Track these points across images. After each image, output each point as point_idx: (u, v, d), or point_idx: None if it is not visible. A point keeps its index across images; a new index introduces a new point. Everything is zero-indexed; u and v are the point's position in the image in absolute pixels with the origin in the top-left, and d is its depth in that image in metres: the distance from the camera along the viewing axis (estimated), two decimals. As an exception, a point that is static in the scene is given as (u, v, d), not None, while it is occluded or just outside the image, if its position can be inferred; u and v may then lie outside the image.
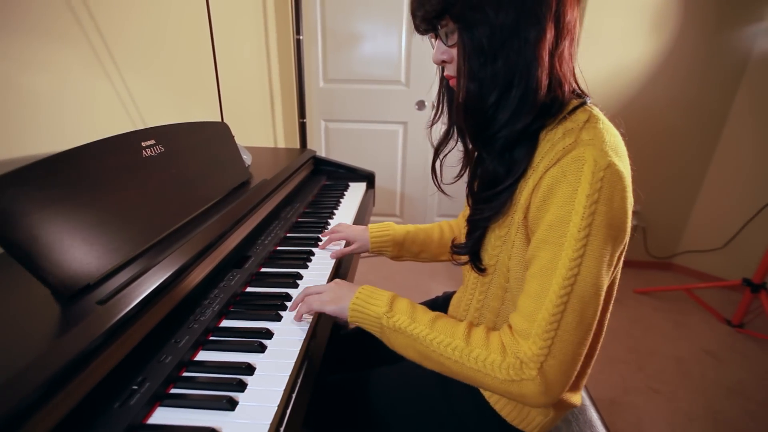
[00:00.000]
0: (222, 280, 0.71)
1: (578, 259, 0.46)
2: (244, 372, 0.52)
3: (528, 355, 0.48)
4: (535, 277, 0.49)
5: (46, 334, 0.45)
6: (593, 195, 0.45)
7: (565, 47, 0.51)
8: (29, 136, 0.76)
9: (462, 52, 0.50)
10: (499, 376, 0.49)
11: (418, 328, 0.55)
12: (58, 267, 0.49)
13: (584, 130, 0.49)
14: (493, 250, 0.59)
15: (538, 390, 0.48)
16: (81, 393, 0.42)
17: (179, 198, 0.73)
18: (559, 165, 0.48)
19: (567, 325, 0.47)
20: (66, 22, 0.82)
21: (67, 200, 0.53)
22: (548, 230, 0.48)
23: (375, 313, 0.57)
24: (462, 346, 0.52)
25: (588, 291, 0.47)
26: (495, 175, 0.55)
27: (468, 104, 0.52)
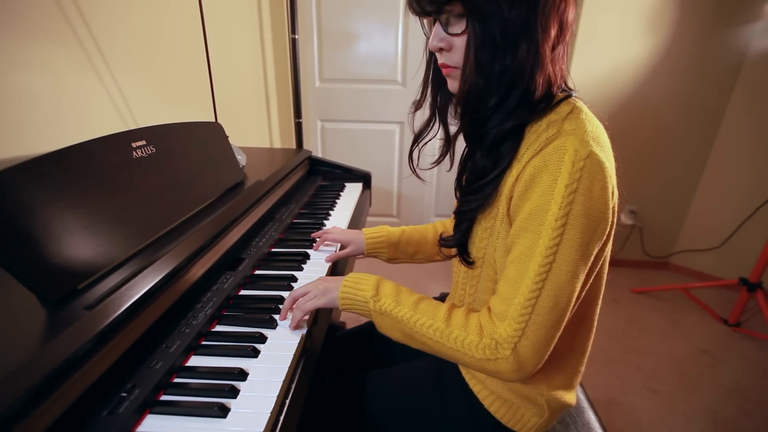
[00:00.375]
0: (215, 283, 0.69)
1: (554, 247, 0.47)
2: (236, 378, 0.51)
3: (503, 336, 0.51)
4: (513, 262, 0.51)
5: (31, 340, 0.43)
6: (572, 185, 0.46)
7: (561, 49, 0.51)
8: (23, 137, 0.74)
9: (472, 42, 0.49)
10: (476, 355, 0.52)
11: (402, 311, 0.57)
12: (43, 271, 0.47)
13: (567, 120, 0.50)
14: (481, 242, 0.60)
15: (511, 368, 0.51)
16: (68, 401, 0.41)
17: (171, 199, 0.72)
18: (540, 155, 0.49)
19: (541, 309, 0.49)
20: (59, 24, 0.81)
21: (53, 202, 0.51)
22: (527, 218, 0.49)
23: (363, 297, 0.59)
24: (443, 327, 0.55)
25: (562, 278, 0.48)
26: (483, 168, 0.56)
27: (470, 99, 0.52)
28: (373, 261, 0.90)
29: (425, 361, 0.77)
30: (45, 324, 0.45)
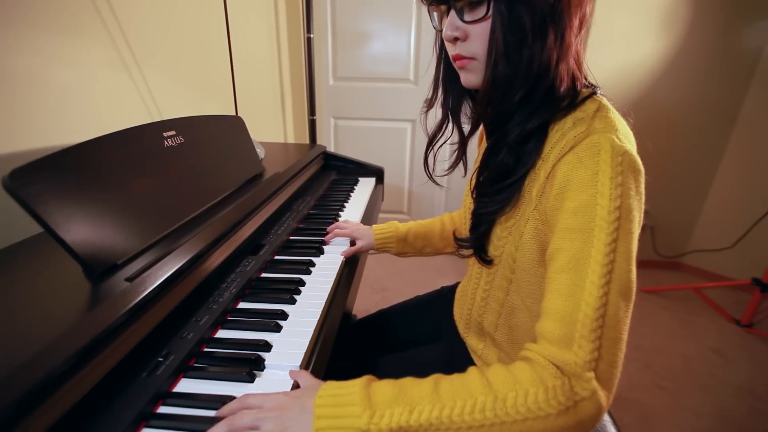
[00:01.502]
0: (238, 266, 0.74)
1: (612, 243, 0.42)
2: (261, 349, 0.55)
3: (580, 365, 0.40)
4: (563, 271, 0.44)
5: (79, 307, 0.48)
6: (616, 177, 0.43)
7: (581, 40, 0.50)
8: (61, 127, 0.80)
9: (498, 26, 0.46)
10: (552, 410, 0.40)
11: (423, 411, 0.41)
12: (90, 246, 0.52)
13: (596, 119, 0.48)
14: (499, 241, 0.58)
15: (596, 407, 0.40)
16: (113, 362, 0.45)
17: (197, 187, 0.76)
18: (573, 152, 0.46)
19: (611, 319, 0.42)
20: (93, 23, 0.86)
21: (96, 184, 0.56)
22: (574, 217, 0.45)
23: (354, 428, 0.41)
24: (490, 400, 0.41)
25: (624, 278, 0.43)
26: (505, 167, 0.53)
27: (495, 92, 0.49)
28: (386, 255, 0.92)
29: (437, 346, 0.80)
30: (90, 293, 0.50)
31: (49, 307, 0.47)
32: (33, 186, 0.47)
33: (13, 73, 0.71)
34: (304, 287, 0.70)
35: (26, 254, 0.60)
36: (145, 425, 0.44)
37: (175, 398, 0.47)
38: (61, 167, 0.52)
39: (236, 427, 0.41)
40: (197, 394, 0.47)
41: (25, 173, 0.47)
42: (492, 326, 0.66)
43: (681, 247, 2.25)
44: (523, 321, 0.62)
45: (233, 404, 0.44)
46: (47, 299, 0.49)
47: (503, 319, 0.64)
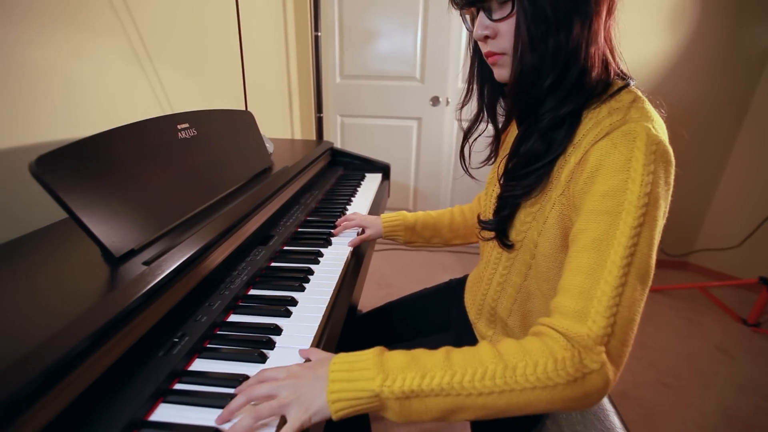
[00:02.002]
0: (248, 255, 0.76)
1: (638, 227, 0.43)
2: (272, 332, 0.57)
3: (592, 337, 0.41)
4: (586, 250, 0.45)
5: (100, 288, 0.50)
6: (649, 165, 0.44)
7: (611, 25, 0.51)
8: (78, 119, 0.82)
9: (522, 20, 0.48)
10: (560, 380, 0.41)
11: (435, 377, 0.42)
12: (109, 231, 0.54)
13: (632, 109, 0.49)
14: (522, 226, 0.58)
15: (603, 381, 0.42)
16: (132, 339, 0.48)
17: (209, 178, 0.78)
18: (608, 138, 0.47)
19: (627, 300, 0.43)
20: (107, 16, 0.89)
21: (115, 172, 0.58)
22: (602, 200, 0.45)
23: (367, 391, 0.42)
24: (500, 369, 0.42)
25: (644, 263, 0.44)
26: (536, 152, 0.54)
27: (523, 81, 0.50)
28: (392, 250, 0.94)
29: (445, 335, 0.82)
30: (110, 276, 0.52)
31: (71, 287, 0.49)
32: (57, 172, 0.50)
33: (35, 67, 0.73)
34: (312, 276, 0.72)
35: (50, 239, 0.62)
36: (163, 400, 0.45)
37: (190, 376, 0.49)
38: (83, 155, 0.54)
39: (254, 396, 0.43)
40: (211, 373, 0.49)
41: (51, 160, 0.49)
42: (506, 311, 0.68)
43: (688, 245, 2.24)
44: (536, 307, 0.63)
45: (251, 379, 0.46)
46: (70, 280, 0.51)
47: (518, 304, 0.65)
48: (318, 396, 0.42)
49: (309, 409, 0.42)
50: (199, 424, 0.42)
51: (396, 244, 2.45)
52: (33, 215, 0.69)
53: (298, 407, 0.42)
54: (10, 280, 0.51)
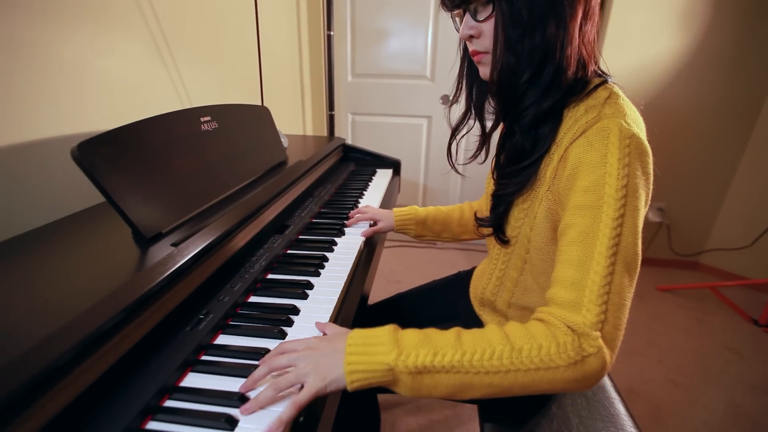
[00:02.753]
0: (266, 242, 0.79)
1: (620, 218, 0.46)
2: (290, 312, 0.60)
3: (587, 324, 0.45)
4: (574, 243, 0.48)
5: (132, 266, 0.53)
6: (624, 159, 0.47)
7: (590, 28, 0.53)
8: (106, 113, 0.86)
9: (500, 22, 0.51)
10: (562, 362, 0.44)
11: (446, 355, 0.45)
12: (141, 213, 0.58)
13: (606, 105, 0.52)
14: (516, 222, 0.62)
15: (600, 363, 0.45)
16: (163, 313, 0.51)
17: (229, 168, 0.82)
18: (584, 136, 0.50)
19: (616, 287, 0.46)
20: (133, 15, 0.93)
21: (145, 159, 0.62)
22: (584, 195, 0.48)
23: (382, 364, 0.45)
24: (507, 350, 0.45)
25: (630, 251, 0.47)
26: (522, 150, 0.57)
27: (503, 77, 0.53)
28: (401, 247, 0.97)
29: (452, 324, 0.84)
30: (141, 256, 0.55)
31: (107, 265, 0.53)
32: (95, 158, 0.53)
33: (66, 63, 0.77)
34: (327, 263, 0.75)
35: (89, 221, 0.66)
36: (191, 370, 0.49)
37: (215, 349, 0.52)
38: (117, 143, 0.58)
39: (275, 367, 0.46)
40: (234, 346, 0.53)
41: (90, 147, 0.53)
42: (505, 305, 0.70)
43: (698, 245, 2.23)
44: (534, 301, 0.66)
45: (272, 352, 0.49)
46: (105, 259, 0.55)
47: (516, 298, 0.68)
48: (335, 367, 0.45)
49: (326, 379, 0.44)
50: (225, 389, 0.46)
51: (405, 241, 2.48)
52: (72, 199, 0.73)
53: (316, 376, 0.44)
54: (55, 256, 0.55)
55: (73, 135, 0.79)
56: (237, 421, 0.42)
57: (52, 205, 0.74)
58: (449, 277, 0.99)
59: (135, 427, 0.41)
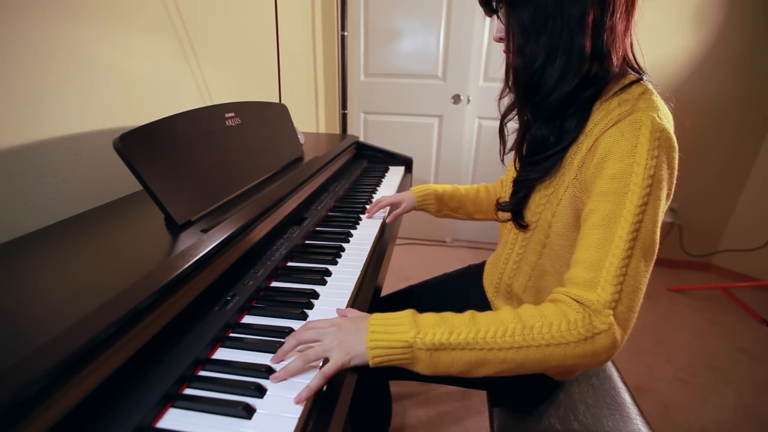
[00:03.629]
0: (285, 233, 0.83)
1: (642, 206, 0.48)
2: (311, 296, 0.63)
3: (601, 303, 0.47)
4: (596, 227, 0.50)
5: (166, 250, 0.57)
6: (653, 150, 0.49)
7: (617, 21, 0.54)
8: (135, 109, 0.91)
9: (510, 30, 0.57)
10: (572, 338, 0.46)
11: (462, 333, 0.48)
12: (174, 201, 0.62)
13: (640, 100, 0.54)
14: (537, 208, 0.64)
15: (611, 341, 0.46)
16: (194, 294, 0.55)
17: (251, 162, 0.86)
18: (616, 127, 0.52)
19: (633, 270, 0.48)
20: (163, 20, 0.98)
21: (177, 151, 0.66)
22: (610, 182, 0.51)
23: (402, 340, 0.48)
24: (519, 327, 0.48)
25: (649, 238, 0.49)
26: (544, 140, 0.61)
27: (516, 74, 0.59)
28: (411, 245, 1.00)
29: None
30: (173, 241, 0.60)
31: (143, 249, 0.57)
32: (135, 148, 0.58)
33: (98, 62, 0.82)
34: (344, 252, 0.79)
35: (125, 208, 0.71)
36: (221, 346, 0.53)
37: (241, 327, 0.56)
38: (153, 136, 0.62)
39: (302, 340, 0.50)
40: (259, 325, 0.57)
41: (130, 138, 0.57)
42: (521, 288, 0.73)
43: (711, 246, 2.22)
44: (550, 284, 0.68)
45: (299, 328, 0.52)
46: (142, 243, 0.59)
47: (533, 281, 0.70)
48: (358, 343, 0.49)
49: (349, 353, 0.48)
50: (253, 361, 0.50)
51: (415, 239, 2.51)
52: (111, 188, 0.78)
53: (340, 351, 0.48)
54: (98, 240, 0.60)
55: (110, 129, 0.84)
56: (265, 389, 0.46)
57: (93, 192, 0.79)
58: (459, 270, 1.01)
59: (173, 392, 0.45)
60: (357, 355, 0.48)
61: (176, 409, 0.43)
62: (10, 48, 0.65)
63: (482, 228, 2.50)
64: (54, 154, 0.73)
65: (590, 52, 0.55)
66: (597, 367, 0.48)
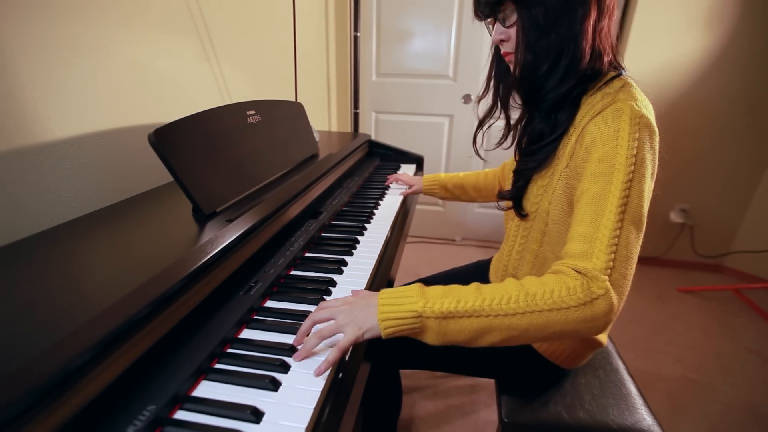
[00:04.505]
0: (302, 225, 0.87)
1: (628, 182, 0.53)
2: (329, 284, 0.67)
3: (597, 269, 0.50)
4: (588, 205, 0.55)
5: (193, 237, 0.61)
6: (634, 133, 0.54)
7: (605, 24, 0.61)
8: (165, 107, 0.96)
9: (521, 27, 0.61)
10: (572, 303, 0.49)
11: (468, 302, 0.51)
12: (201, 192, 0.66)
13: (620, 92, 0.60)
14: (535, 198, 0.69)
15: (608, 305, 0.50)
16: (220, 279, 0.59)
17: (270, 157, 0.90)
18: (600, 116, 0.58)
19: (624, 240, 0.52)
20: (184, 19, 1.02)
21: (205, 146, 0.70)
22: (598, 164, 0.56)
23: (411, 310, 0.51)
24: (522, 295, 0.51)
25: (637, 211, 0.53)
26: (541, 132, 0.67)
27: (524, 72, 0.63)
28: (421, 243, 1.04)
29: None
30: (200, 229, 0.64)
31: (174, 236, 0.62)
32: (167, 142, 0.62)
33: (131, 63, 0.87)
34: (359, 244, 0.82)
35: (157, 199, 0.75)
36: (246, 327, 0.57)
37: (264, 311, 0.60)
38: (184, 131, 0.67)
39: (317, 319, 0.53)
40: (281, 309, 0.60)
41: (163, 133, 0.62)
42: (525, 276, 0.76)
43: (723, 247, 2.20)
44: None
45: (314, 310, 0.56)
46: (173, 231, 0.63)
47: (536, 269, 0.74)
48: (370, 318, 0.52)
49: (362, 328, 0.51)
50: (275, 340, 0.54)
51: (424, 237, 2.54)
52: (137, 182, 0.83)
53: (353, 326, 0.51)
54: (133, 228, 0.64)
55: (137, 126, 0.88)
56: (290, 366, 0.49)
57: (124, 184, 0.84)
58: (469, 265, 1.04)
59: (205, 367, 0.48)
60: (369, 328, 0.51)
61: (208, 381, 0.47)
62: (50, 49, 0.70)
63: (490, 227, 2.51)
64: (89, 147, 0.77)
65: (589, 52, 0.60)
66: (596, 333, 0.50)
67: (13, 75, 0.64)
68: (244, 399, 0.44)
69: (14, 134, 0.64)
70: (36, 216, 0.68)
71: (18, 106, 0.65)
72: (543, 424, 0.72)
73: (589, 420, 0.72)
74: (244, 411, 0.42)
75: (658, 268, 2.29)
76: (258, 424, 0.42)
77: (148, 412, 0.40)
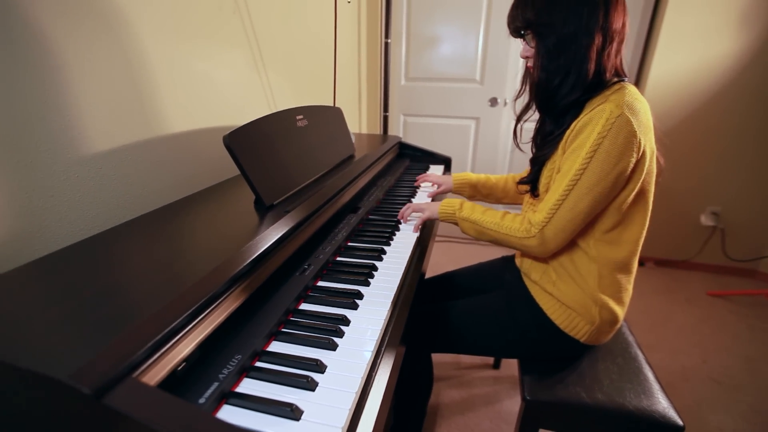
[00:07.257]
0: (343, 219, 0.96)
1: (580, 171, 0.71)
2: (371, 268, 0.76)
3: (537, 221, 0.77)
4: (557, 180, 0.76)
5: (256, 225, 0.72)
6: (603, 132, 0.69)
7: (612, 48, 0.73)
8: (223, 113, 1.08)
9: (537, 51, 0.76)
10: (517, 234, 0.80)
11: (476, 215, 0.87)
12: (265, 186, 0.77)
13: (613, 95, 0.72)
14: (545, 180, 0.83)
15: (537, 243, 0.78)
16: (280, 261, 0.69)
17: (315, 157, 1.00)
18: (588, 115, 0.72)
19: (564, 208, 0.74)
20: (238, 32, 1.14)
21: (265, 145, 0.81)
22: (571, 152, 0.73)
23: (453, 208, 0.90)
24: (499, 221, 0.84)
25: (582, 191, 0.72)
26: (551, 131, 0.82)
27: (539, 87, 0.78)
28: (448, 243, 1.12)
29: (498, 292, 0.98)
30: (261, 218, 0.74)
31: (242, 224, 0.72)
32: (238, 143, 0.73)
33: (195, 75, 0.99)
34: (395, 236, 0.92)
35: (224, 191, 0.87)
36: (303, 301, 0.67)
37: (317, 290, 0.70)
38: (250, 133, 0.77)
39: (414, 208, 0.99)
40: (331, 287, 0.70)
41: (234, 135, 0.73)
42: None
43: (756, 251, 2.16)
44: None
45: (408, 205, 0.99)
46: (239, 219, 0.74)
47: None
48: (435, 208, 0.93)
49: (432, 213, 0.94)
50: (329, 311, 0.64)
51: (450, 237, 2.61)
52: (202, 178, 0.95)
53: (428, 211, 0.95)
54: (206, 216, 0.75)
55: (198, 130, 1.01)
56: (344, 332, 0.59)
57: (192, 180, 0.96)
58: (495, 259, 1.12)
59: (275, 330, 0.58)
60: (434, 212, 0.94)
61: (278, 342, 0.57)
62: (135, 64, 0.82)
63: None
64: (166, 146, 0.90)
65: (594, 70, 0.72)
66: (534, 256, 0.86)
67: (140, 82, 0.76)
68: (309, 354, 0.54)
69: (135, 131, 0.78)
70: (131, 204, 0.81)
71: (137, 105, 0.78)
72: (563, 402, 0.79)
73: (606, 401, 0.78)
74: (310, 363, 0.52)
75: (687, 272, 2.27)
76: (322, 374, 0.51)
77: (236, 360, 0.50)
